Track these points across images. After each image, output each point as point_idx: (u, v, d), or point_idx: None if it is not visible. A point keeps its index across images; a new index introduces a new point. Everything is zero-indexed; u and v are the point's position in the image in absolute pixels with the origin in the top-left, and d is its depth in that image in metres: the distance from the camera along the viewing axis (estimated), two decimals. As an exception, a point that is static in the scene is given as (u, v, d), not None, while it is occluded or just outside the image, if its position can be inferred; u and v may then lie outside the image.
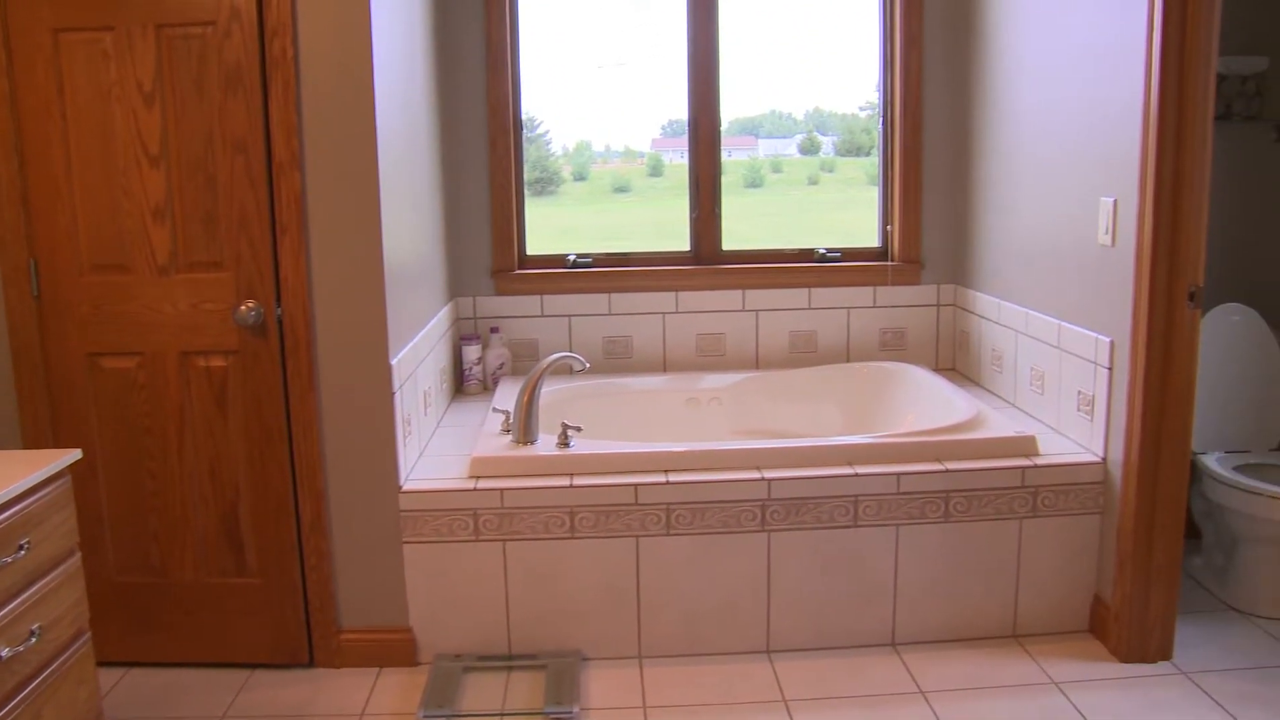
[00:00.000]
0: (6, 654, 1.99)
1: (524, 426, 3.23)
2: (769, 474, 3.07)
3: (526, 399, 3.23)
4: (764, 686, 2.97)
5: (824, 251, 4.21)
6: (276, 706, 2.92)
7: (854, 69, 4.28)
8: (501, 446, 3.20)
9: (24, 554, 2.06)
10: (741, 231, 4.26)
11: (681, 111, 4.16)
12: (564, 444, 3.18)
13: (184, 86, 2.85)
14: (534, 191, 4.29)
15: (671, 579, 3.09)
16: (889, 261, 4.21)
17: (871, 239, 4.30)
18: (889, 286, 4.19)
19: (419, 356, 3.36)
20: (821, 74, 4.34)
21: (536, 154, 4.33)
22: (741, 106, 4.34)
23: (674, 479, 3.05)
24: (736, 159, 4.39)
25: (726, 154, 4.22)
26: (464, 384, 4.06)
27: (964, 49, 4.03)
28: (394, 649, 3.09)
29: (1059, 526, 3.15)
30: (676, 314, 4.16)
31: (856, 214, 4.43)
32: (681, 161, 4.21)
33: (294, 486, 3.02)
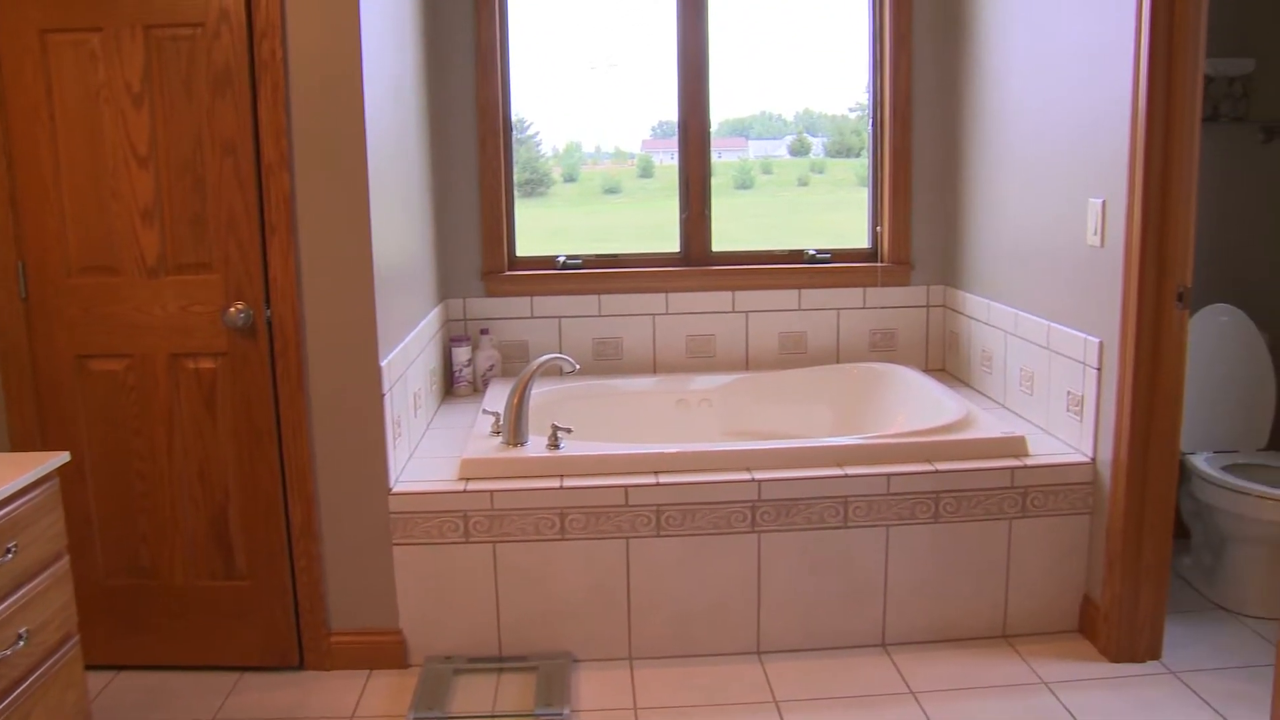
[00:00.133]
0: (-6, 657, 1.99)
1: (514, 428, 3.23)
2: (759, 475, 3.07)
3: (516, 400, 3.23)
4: (754, 687, 2.97)
5: (814, 253, 4.22)
6: (266, 709, 2.91)
7: (844, 70, 4.29)
8: (491, 448, 3.20)
9: (11, 557, 2.05)
10: (731, 233, 4.26)
11: (671, 113, 4.16)
12: (554, 445, 3.18)
13: (173, 88, 2.85)
14: (524, 193, 4.28)
15: (662, 580, 3.09)
16: (879, 262, 4.22)
17: (861, 240, 4.31)
18: (879, 287, 4.20)
19: (409, 358, 3.36)
20: (811, 75, 4.34)
21: (526, 155, 4.33)
22: (731, 108, 4.35)
23: (664, 480, 3.05)
24: (726, 160, 4.39)
25: (716, 155, 4.22)
26: (454, 385, 4.05)
27: (953, 50, 4.04)
28: (384, 651, 3.09)
29: (1048, 527, 3.16)
30: (666, 315, 4.16)
31: (846, 215, 4.44)
32: (671, 163, 4.22)
33: (284, 488, 3.01)
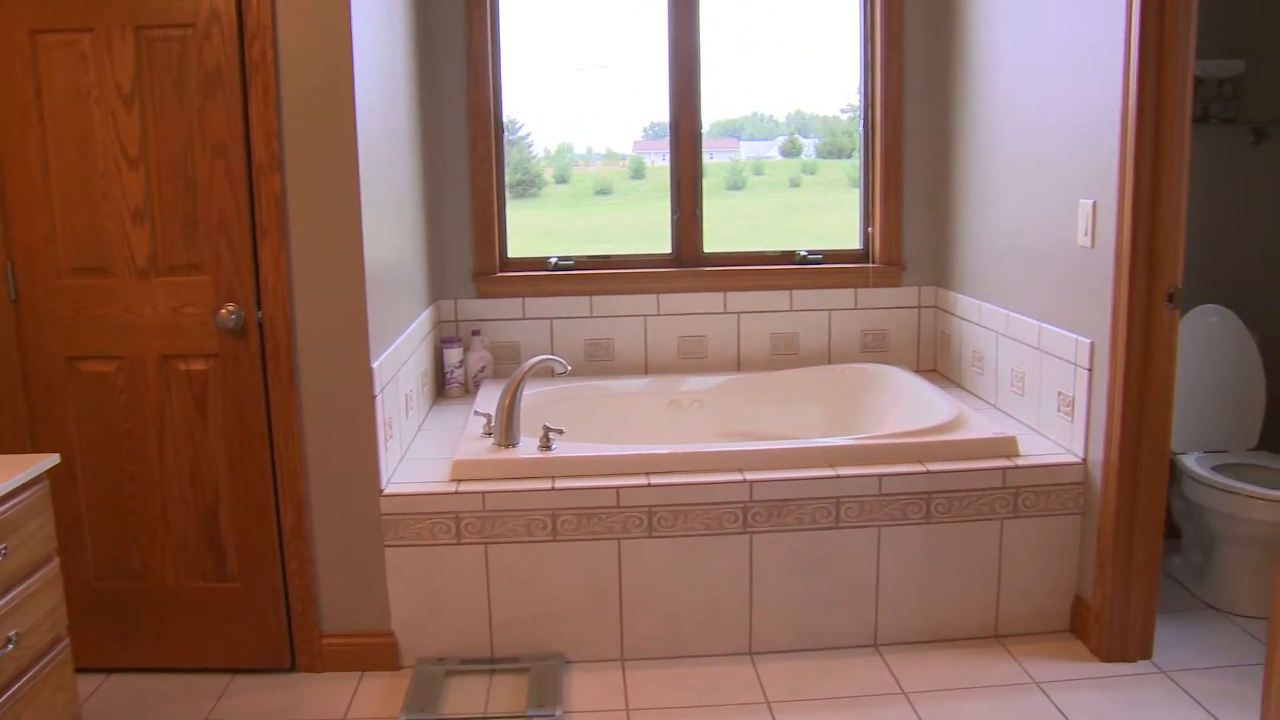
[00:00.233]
0: (-17, 660, 1.98)
1: (505, 429, 3.23)
2: (751, 476, 3.07)
3: (508, 402, 3.23)
4: (746, 688, 2.97)
5: (805, 253, 4.22)
6: (258, 712, 2.91)
7: (835, 71, 4.29)
8: (483, 449, 3.19)
9: (0, 560, 2.04)
10: (723, 234, 4.26)
11: (663, 114, 4.16)
12: (545, 447, 3.18)
13: (163, 89, 2.84)
14: (515, 194, 4.28)
15: (654, 581, 3.09)
16: (870, 263, 4.23)
17: (853, 241, 4.31)
18: (870, 288, 4.20)
19: (400, 359, 3.35)
20: (803, 76, 4.35)
21: (518, 156, 4.32)
22: (723, 109, 4.34)
23: (656, 481, 3.05)
24: (718, 161, 4.39)
25: (708, 156, 4.23)
26: (445, 387, 4.05)
27: (944, 52, 4.05)
28: (376, 653, 3.08)
29: (1040, 527, 3.16)
30: (658, 316, 4.16)
31: (838, 216, 4.44)
32: (663, 164, 4.22)
33: (275, 490, 3.00)
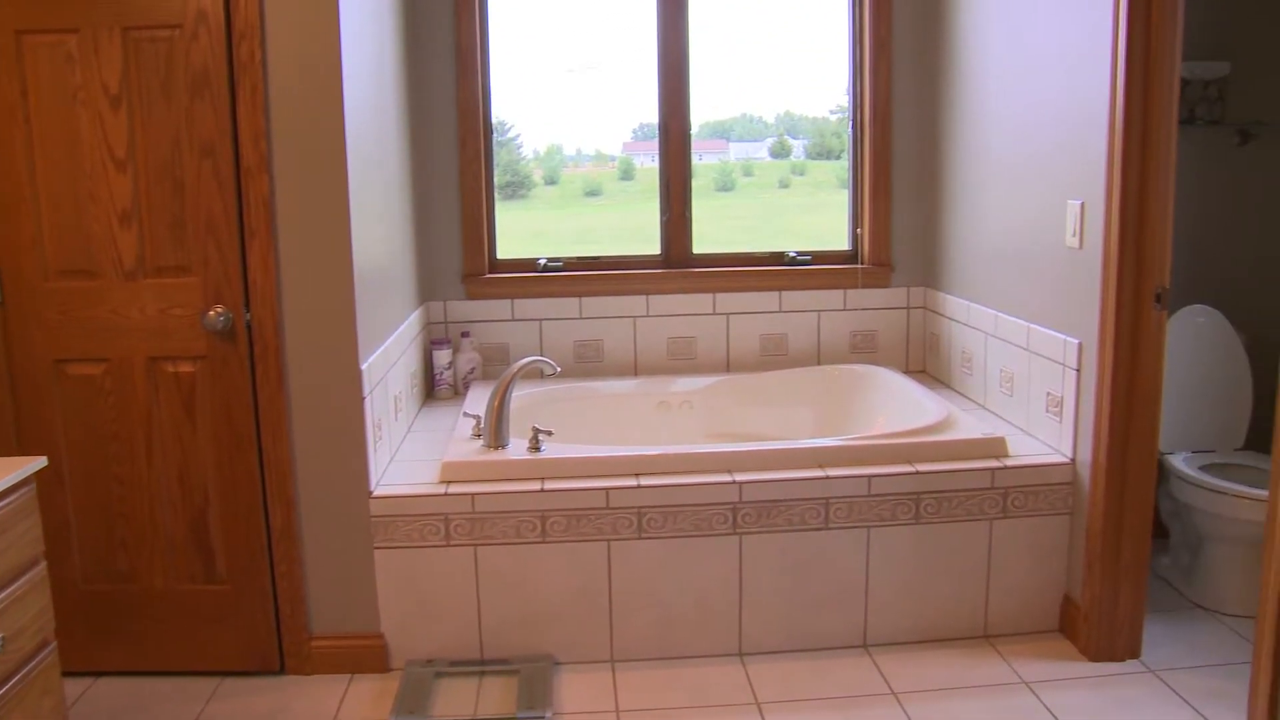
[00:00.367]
0: (-30, 664, 1.97)
1: (495, 431, 3.22)
2: (740, 477, 3.08)
3: (497, 403, 3.23)
4: (737, 689, 2.98)
5: (794, 255, 4.23)
6: (247, 715, 2.90)
7: (824, 72, 4.30)
8: (472, 451, 3.19)
9: (-12, 563, 2.03)
10: (712, 235, 4.27)
11: (652, 115, 4.16)
12: (535, 448, 3.18)
13: (151, 90, 2.83)
14: (504, 195, 4.28)
15: (643, 582, 3.09)
16: (859, 264, 4.24)
17: (842, 242, 4.32)
18: (859, 289, 4.21)
19: (389, 361, 3.34)
20: (792, 77, 4.36)
21: (507, 157, 4.32)
22: (712, 110, 4.35)
23: (645, 482, 3.05)
24: (707, 162, 4.39)
25: (697, 157, 4.23)
26: (435, 388, 4.04)
27: (933, 53, 4.06)
28: (365, 655, 3.08)
29: (1029, 527, 3.17)
30: (647, 317, 4.16)
31: (827, 217, 4.45)
32: (652, 165, 4.22)
33: (264, 492, 2.99)
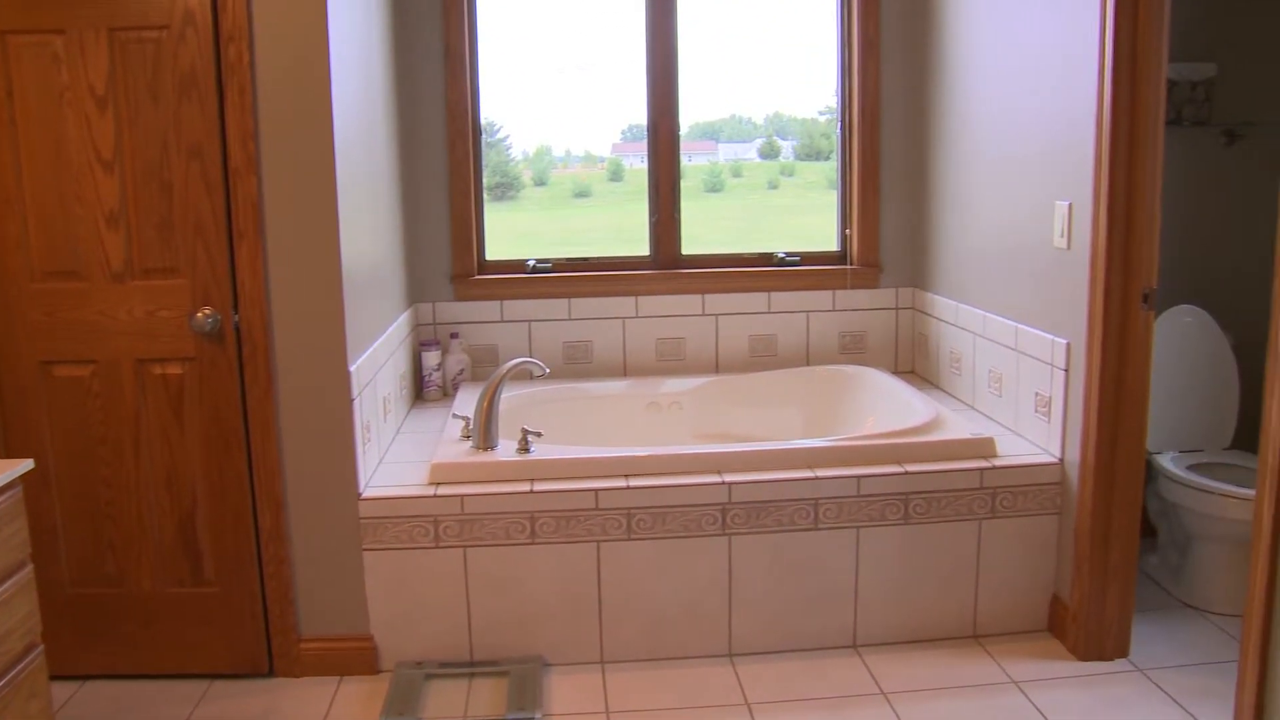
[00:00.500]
0: (-44, 668, 1.96)
1: (484, 432, 3.22)
2: (729, 478, 3.08)
3: (486, 405, 3.22)
4: (726, 690, 2.98)
5: (783, 255, 4.23)
6: (236, 718, 2.89)
7: (813, 73, 4.31)
8: (461, 452, 3.19)
9: (-26, 566, 2.02)
10: (701, 236, 4.27)
11: (641, 116, 4.16)
12: (524, 449, 3.18)
13: (138, 91, 2.82)
14: (494, 196, 4.27)
15: (633, 584, 3.09)
16: (848, 265, 4.24)
17: (830, 243, 4.33)
18: (848, 290, 4.22)
19: (378, 363, 3.34)
20: (781, 78, 4.36)
21: (496, 158, 4.32)
22: (701, 111, 4.35)
23: (635, 484, 3.05)
24: (696, 163, 4.39)
25: (686, 158, 4.23)
26: (424, 390, 4.04)
27: (921, 55, 4.07)
28: (355, 657, 3.07)
29: (1017, 527, 3.18)
30: (636, 319, 4.16)
31: (816, 218, 4.45)
32: (641, 166, 4.22)
33: (252, 494, 2.98)
